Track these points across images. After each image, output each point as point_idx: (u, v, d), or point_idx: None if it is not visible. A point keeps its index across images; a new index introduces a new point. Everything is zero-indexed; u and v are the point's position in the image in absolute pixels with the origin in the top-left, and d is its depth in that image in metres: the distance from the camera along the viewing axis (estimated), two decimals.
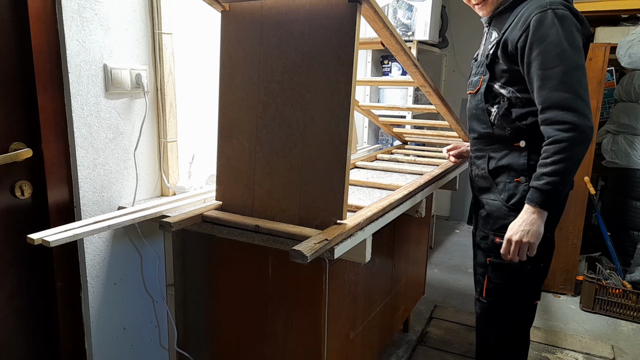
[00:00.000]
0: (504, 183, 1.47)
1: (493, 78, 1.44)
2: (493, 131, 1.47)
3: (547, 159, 1.28)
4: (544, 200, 1.30)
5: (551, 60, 1.26)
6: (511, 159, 1.45)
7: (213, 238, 1.39)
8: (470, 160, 1.64)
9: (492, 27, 1.48)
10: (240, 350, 1.49)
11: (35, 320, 1.41)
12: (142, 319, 1.64)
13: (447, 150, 2.00)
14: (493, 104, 1.46)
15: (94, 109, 1.39)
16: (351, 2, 1.14)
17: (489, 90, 1.45)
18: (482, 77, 1.46)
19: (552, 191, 1.28)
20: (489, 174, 1.51)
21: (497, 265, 1.51)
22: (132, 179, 1.54)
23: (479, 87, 1.48)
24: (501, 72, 1.41)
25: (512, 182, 1.45)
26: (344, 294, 1.45)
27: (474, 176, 1.60)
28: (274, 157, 1.30)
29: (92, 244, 1.45)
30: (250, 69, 1.31)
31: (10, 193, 1.29)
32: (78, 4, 1.31)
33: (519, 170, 1.44)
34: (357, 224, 1.23)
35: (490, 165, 1.51)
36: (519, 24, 1.32)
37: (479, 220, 1.60)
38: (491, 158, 1.51)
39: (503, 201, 1.47)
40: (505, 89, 1.41)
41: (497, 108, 1.45)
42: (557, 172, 1.26)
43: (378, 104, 2.93)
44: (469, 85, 1.56)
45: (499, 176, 1.49)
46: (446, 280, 3.10)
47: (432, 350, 2.28)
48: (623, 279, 2.70)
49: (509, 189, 1.46)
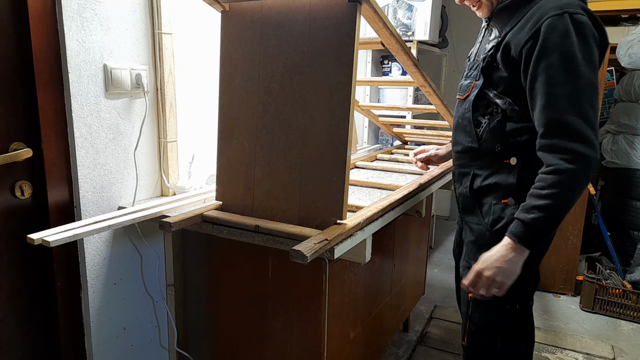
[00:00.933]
0: (489, 205, 1.27)
1: (488, 84, 1.24)
2: (479, 146, 1.27)
3: (542, 190, 1.08)
4: (528, 237, 1.10)
5: (561, 75, 1.07)
6: (499, 178, 1.25)
7: (213, 238, 1.39)
8: (453, 176, 1.44)
9: (493, 23, 1.28)
10: (240, 350, 1.49)
11: (35, 320, 1.41)
12: (142, 319, 1.64)
13: (413, 154, 1.78)
14: (484, 114, 1.26)
15: (94, 109, 1.39)
16: (351, 2, 1.14)
17: (481, 97, 1.25)
18: (474, 82, 1.27)
19: (541, 228, 1.09)
20: (471, 194, 1.31)
21: (479, 303, 1.32)
22: (132, 179, 1.54)
23: (469, 93, 1.28)
24: (498, 79, 1.21)
25: (499, 204, 1.25)
26: (344, 294, 1.45)
27: (458, 195, 1.41)
28: (274, 157, 1.30)
29: (92, 244, 1.45)
30: (250, 69, 1.31)
31: (10, 193, 1.29)
32: (78, 4, 1.31)
33: (507, 190, 1.23)
34: (357, 224, 1.23)
35: (474, 183, 1.31)
36: (527, 26, 1.12)
37: (464, 247, 1.41)
38: (476, 176, 1.31)
39: (487, 225, 1.27)
40: (501, 99, 1.21)
41: (488, 119, 1.24)
42: (551, 207, 1.07)
43: (378, 104, 2.93)
44: (458, 89, 1.37)
45: (484, 197, 1.29)
46: (446, 280, 3.10)
47: (432, 350, 2.28)
48: (623, 279, 2.70)
49: (494, 212, 1.26)
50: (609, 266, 2.82)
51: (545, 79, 1.08)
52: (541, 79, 1.09)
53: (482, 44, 1.32)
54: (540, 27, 1.09)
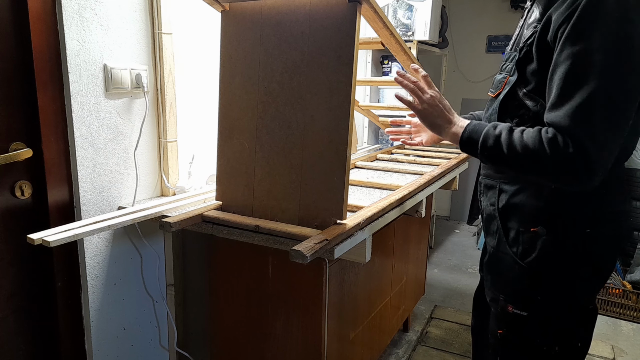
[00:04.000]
0: (516, 231, 1.07)
1: (521, 81, 1.03)
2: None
3: (514, 139, 0.93)
4: (466, 144, 1.01)
5: (586, 68, 0.84)
6: (526, 197, 1.05)
7: (213, 238, 1.39)
8: (479, 187, 1.24)
9: (537, 1, 1.02)
10: (240, 350, 1.49)
11: (35, 320, 1.41)
12: (142, 319, 1.64)
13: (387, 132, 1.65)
14: (513, 116, 1.05)
15: (94, 109, 1.39)
16: (351, 2, 1.14)
17: (512, 96, 1.05)
18: (508, 77, 1.06)
19: (479, 152, 0.99)
20: (498, 215, 1.11)
21: (510, 342, 1.13)
22: (132, 179, 1.54)
23: (501, 90, 1.08)
24: (530, 74, 1.00)
25: (528, 233, 1.05)
26: (344, 294, 1.45)
27: (483, 211, 1.21)
28: (274, 157, 1.30)
29: (92, 244, 1.45)
30: (250, 69, 1.31)
31: (10, 193, 1.29)
32: (78, 4, 1.31)
33: (534, 215, 1.03)
34: (357, 224, 1.23)
35: (500, 201, 1.11)
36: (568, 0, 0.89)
37: (487, 272, 1.21)
38: (502, 191, 1.11)
39: (516, 256, 1.07)
40: (532, 100, 1.01)
41: (516, 124, 1.02)
42: (501, 156, 0.95)
43: (378, 104, 2.93)
44: (492, 85, 1.16)
45: (509, 219, 1.09)
46: (446, 280, 3.10)
47: (432, 350, 2.28)
48: (623, 279, 2.70)
49: (523, 242, 1.06)
50: None
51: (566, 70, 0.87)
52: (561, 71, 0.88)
53: (521, 29, 1.09)
54: (580, 1, 0.86)
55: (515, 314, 1.09)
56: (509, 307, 1.11)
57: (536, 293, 1.08)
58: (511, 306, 1.10)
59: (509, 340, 1.14)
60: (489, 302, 1.21)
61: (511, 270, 1.09)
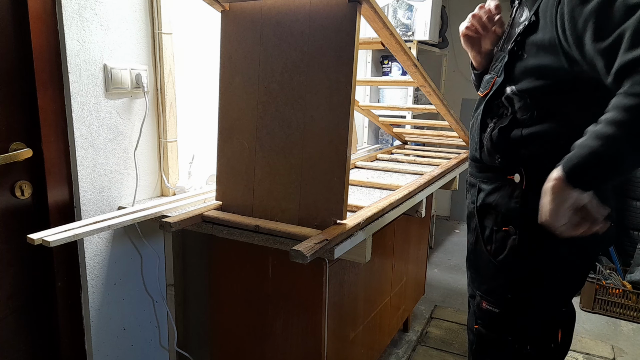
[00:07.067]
0: (490, 229, 1.09)
1: (509, 80, 1.02)
2: (480, 156, 1.10)
3: (611, 116, 0.79)
4: (573, 168, 0.82)
5: (619, 10, 0.79)
6: (500, 197, 1.06)
7: (213, 238, 1.39)
8: (465, 185, 1.27)
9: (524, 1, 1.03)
10: (240, 350, 1.49)
11: (35, 320, 1.41)
12: (142, 319, 1.64)
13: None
14: (494, 115, 1.07)
15: (94, 109, 1.39)
16: (351, 2, 1.14)
17: (498, 95, 1.05)
18: (495, 77, 1.06)
19: (594, 164, 0.81)
20: (476, 213, 1.13)
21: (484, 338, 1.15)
22: (132, 179, 1.54)
23: (488, 90, 1.08)
24: (521, 72, 0.99)
25: (500, 232, 1.06)
26: (344, 294, 1.45)
27: (467, 208, 1.22)
28: (274, 157, 1.30)
29: (92, 244, 1.45)
30: (250, 69, 1.31)
31: (10, 193, 1.29)
32: (78, 4, 1.31)
33: (506, 215, 1.04)
34: (357, 224, 1.23)
35: (478, 199, 1.12)
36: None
37: (467, 268, 1.23)
38: (480, 190, 1.12)
39: (490, 254, 1.09)
40: (518, 96, 1.00)
41: (494, 124, 1.05)
42: (617, 138, 0.78)
43: (378, 104, 2.93)
44: (482, 84, 1.16)
45: (485, 218, 1.10)
46: (446, 280, 3.10)
47: (432, 350, 2.28)
48: (623, 279, 2.70)
49: (496, 240, 1.07)
50: (609, 266, 2.82)
51: (595, 23, 0.80)
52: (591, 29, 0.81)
53: (510, 29, 1.08)
54: None
55: (488, 310, 1.11)
56: (483, 303, 1.13)
57: (506, 291, 1.09)
58: (485, 302, 1.13)
59: (483, 336, 1.16)
60: (469, 297, 1.24)
61: (487, 268, 1.11)
